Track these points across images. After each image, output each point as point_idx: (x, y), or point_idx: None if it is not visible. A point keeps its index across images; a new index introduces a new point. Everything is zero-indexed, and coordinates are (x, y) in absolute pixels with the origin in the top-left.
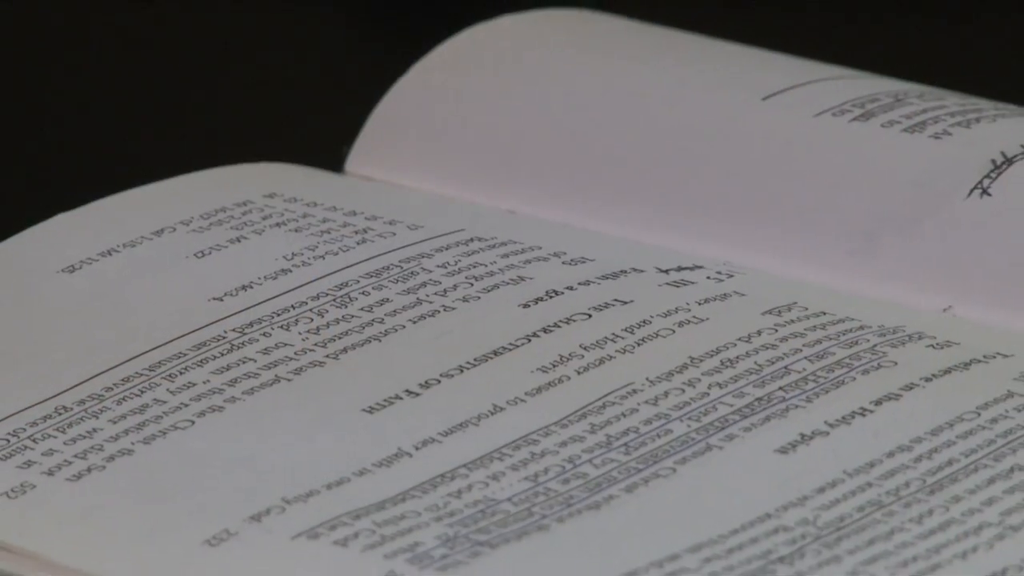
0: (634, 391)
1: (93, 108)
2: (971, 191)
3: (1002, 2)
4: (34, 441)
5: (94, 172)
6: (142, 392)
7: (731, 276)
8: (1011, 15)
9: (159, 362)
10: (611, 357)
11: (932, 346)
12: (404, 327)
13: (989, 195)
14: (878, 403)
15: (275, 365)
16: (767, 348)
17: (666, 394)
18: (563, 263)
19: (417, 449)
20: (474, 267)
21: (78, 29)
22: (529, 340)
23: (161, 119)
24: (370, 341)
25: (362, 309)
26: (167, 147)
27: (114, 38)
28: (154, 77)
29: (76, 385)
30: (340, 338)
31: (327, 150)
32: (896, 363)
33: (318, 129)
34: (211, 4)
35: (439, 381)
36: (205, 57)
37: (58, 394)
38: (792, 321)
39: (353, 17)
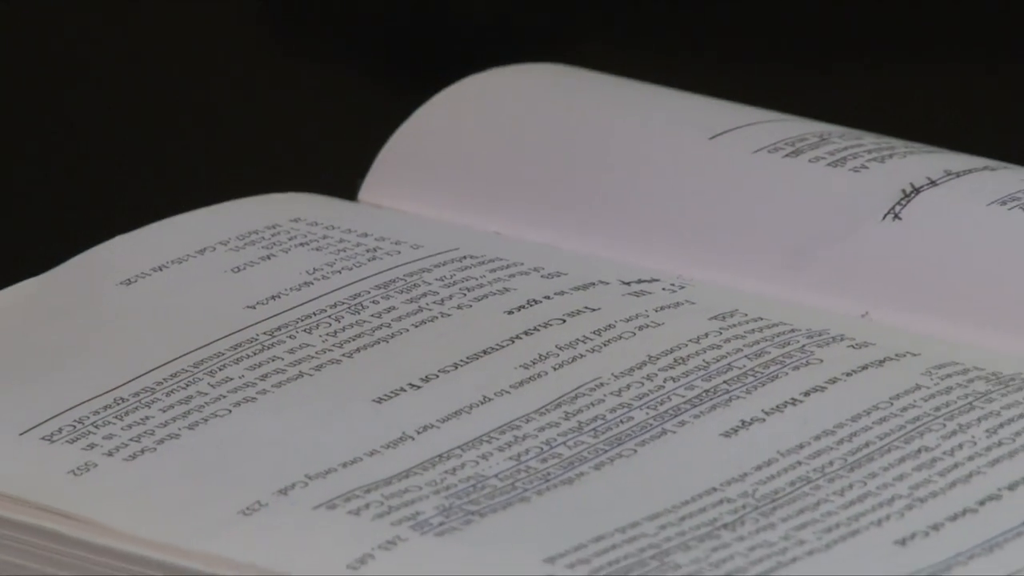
0: (601, 384)
1: (144, 148)
2: (885, 215)
3: (908, 59)
4: (96, 427)
5: (146, 200)
6: (187, 386)
7: (682, 288)
8: (916, 71)
9: (201, 360)
10: (582, 356)
11: (852, 346)
12: (408, 331)
13: (900, 219)
14: (807, 394)
15: (299, 363)
16: (713, 348)
17: (628, 387)
18: (541, 276)
19: (418, 433)
20: (466, 280)
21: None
22: (512, 341)
23: (202, 157)
24: (379, 342)
25: (372, 315)
26: (208, 180)
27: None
28: (200, 121)
29: (132, 380)
30: (354, 340)
31: (343, 182)
32: (822, 361)
33: (336, 165)
34: (249, 58)
35: (437, 376)
36: (241, 104)
37: (117, 387)
38: (734, 325)
39: (364, 72)
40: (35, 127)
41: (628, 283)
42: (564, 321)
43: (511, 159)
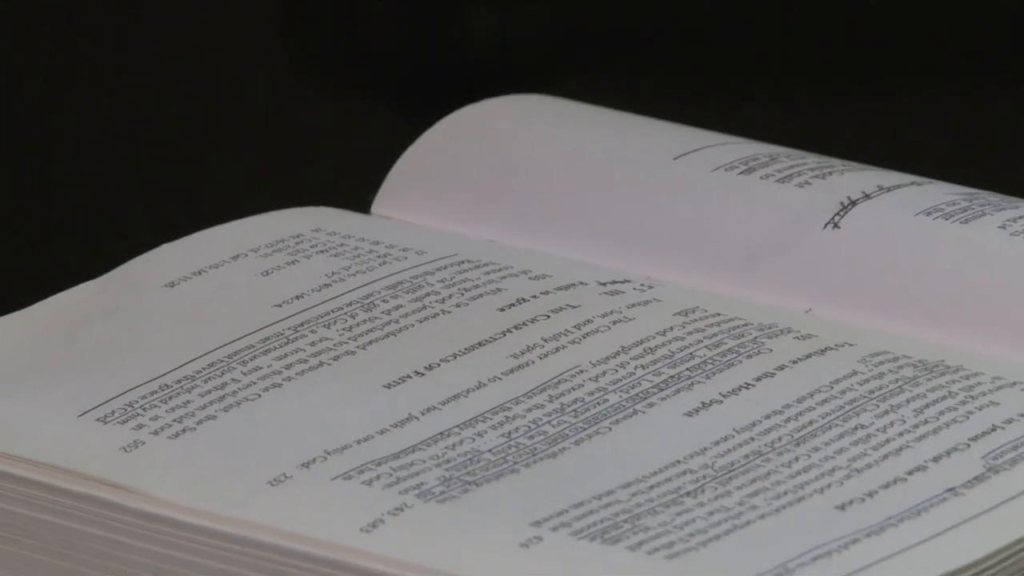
0: (580, 371)
1: (185, 168)
2: (825, 224)
3: (851, 90)
4: (144, 410)
5: (187, 214)
6: (223, 374)
7: (651, 288)
8: (857, 101)
9: (235, 352)
10: (564, 347)
11: (797, 338)
12: (413, 326)
13: (839, 228)
14: (758, 379)
15: (319, 354)
16: (677, 340)
17: (604, 373)
18: (528, 278)
19: (423, 414)
20: (464, 282)
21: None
22: (504, 335)
23: (235, 176)
24: (388, 336)
25: (382, 313)
26: (240, 196)
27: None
28: (234, 145)
29: (175, 369)
30: (366, 334)
31: (358, 198)
32: (771, 350)
33: (351, 182)
34: (278, 89)
35: (439, 364)
36: (270, 130)
37: (162, 375)
38: (695, 320)
39: (377, 103)
40: (93, 154)
41: (604, 284)
42: (548, 317)
43: (503, 177)
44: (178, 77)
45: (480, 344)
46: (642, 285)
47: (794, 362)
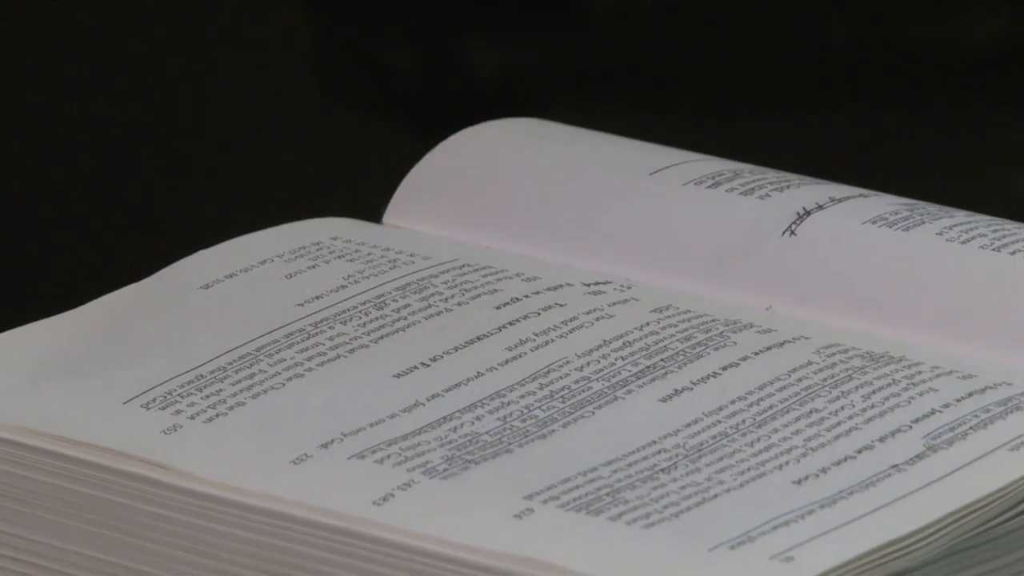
0: (567, 362)
1: (217, 184)
2: (783, 232)
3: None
4: (181, 397)
5: (220, 223)
6: (251, 365)
7: (629, 288)
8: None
9: (262, 346)
10: (552, 340)
11: (758, 332)
12: (420, 322)
13: (795, 234)
14: (724, 369)
15: (337, 347)
16: (653, 334)
17: (588, 364)
18: (522, 280)
19: (428, 400)
20: (464, 283)
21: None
22: (500, 330)
23: (263, 190)
24: (398, 331)
25: (392, 311)
26: (267, 208)
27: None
28: (262, 163)
29: (209, 361)
30: (378, 329)
31: (371, 209)
32: (736, 343)
33: (365, 195)
34: (302, 113)
35: (442, 356)
36: (294, 149)
37: (197, 367)
38: (669, 317)
39: (389, 125)
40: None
41: (588, 285)
42: (539, 314)
43: (499, 191)
44: (217, 103)
45: (479, 338)
46: (622, 286)
47: (756, 353)
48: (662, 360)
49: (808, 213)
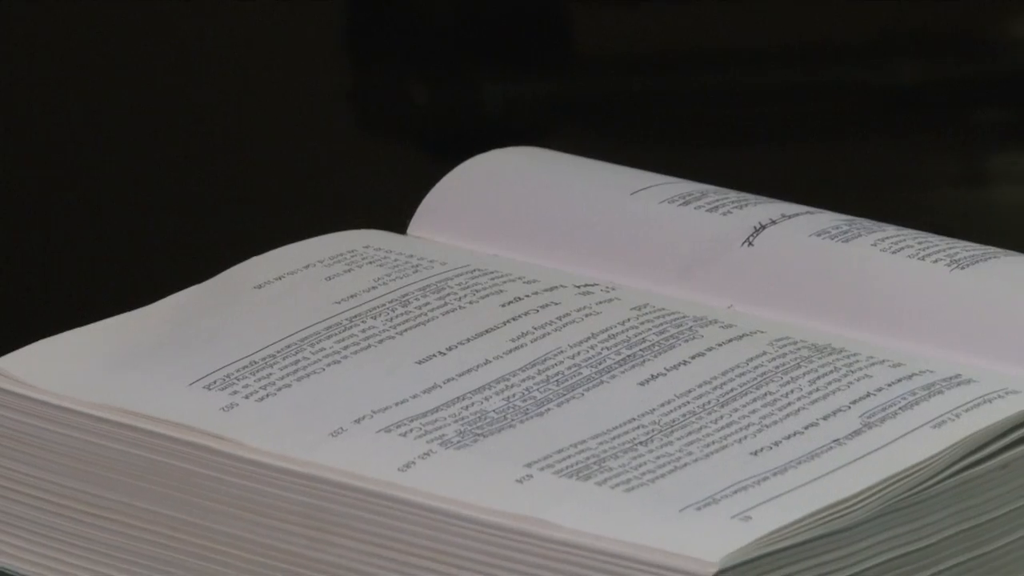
0: (561, 351)
1: (269, 200)
2: (743, 243)
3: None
4: (237, 380)
5: (272, 234)
6: (296, 353)
7: (613, 290)
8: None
9: (305, 336)
10: (549, 333)
11: (721, 327)
12: (438, 317)
13: (753, 245)
14: (693, 358)
15: (368, 338)
16: (633, 328)
17: (578, 353)
18: (523, 282)
19: (445, 383)
20: (475, 285)
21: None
22: (505, 324)
23: (307, 206)
24: (419, 325)
25: (415, 308)
26: (309, 221)
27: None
28: (304, 182)
29: (260, 349)
30: (403, 323)
31: (398, 222)
32: (703, 336)
33: (393, 211)
34: (339, 138)
35: (456, 346)
36: (333, 170)
37: (251, 354)
38: (646, 314)
39: (413, 151)
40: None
41: (578, 286)
42: (538, 311)
43: (504, 208)
44: (271, 134)
45: (487, 331)
46: (607, 288)
47: (719, 345)
48: (640, 350)
49: (763, 227)
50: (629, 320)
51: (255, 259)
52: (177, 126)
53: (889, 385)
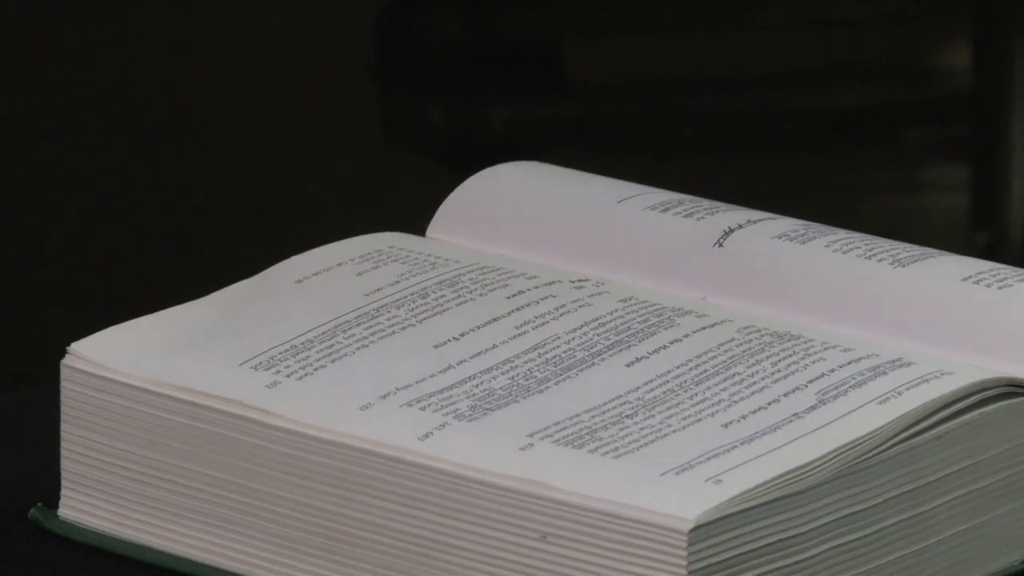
0: (558, 337)
1: (308, 209)
2: (714, 244)
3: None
4: (280, 361)
5: (310, 236)
6: (330, 338)
7: (603, 284)
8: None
9: (338, 324)
10: (547, 322)
11: (696, 316)
12: (452, 308)
13: (722, 246)
14: (671, 343)
15: (392, 326)
16: (620, 317)
17: (573, 338)
18: (525, 278)
19: (458, 364)
20: (484, 280)
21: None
22: (510, 314)
23: (341, 212)
24: (436, 314)
25: (432, 300)
26: (342, 226)
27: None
28: (336, 194)
29: (300, 335)
30: (422, 313)
31: (418, 226)
32: (680, 324)
33: (414, 216)
34: (367, 154)
35: (468, 333)
36: (361, 182)
37: (292, 339)
38: (631, 305)
39: (430, 165)
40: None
41: (573, 282)
42: (538, 303)
43: (510, 214)
44: (309, 150)
45: (495, 320)
46: (597, 283)
47: (694, 332)
48: (626, 336)
49: (732, 231)
50: (617, 310)
51: (295, 257)
52: (234, 152)
53: (840, 367)
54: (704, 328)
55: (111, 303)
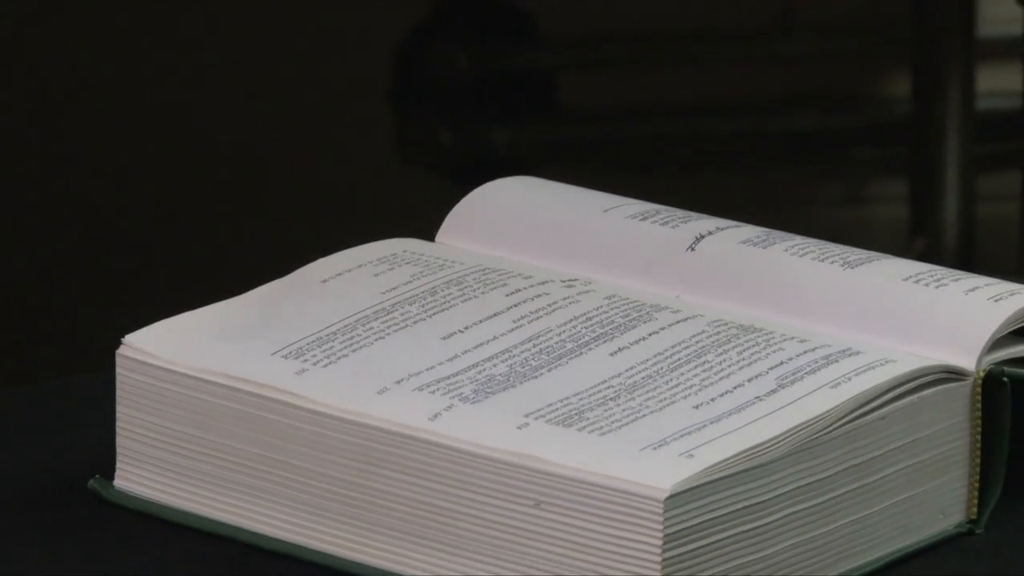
0: (550, 330)
1: (330, 218)
2: (687, 248)
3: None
4: (307, 351)
5: (332, 242)
6: (351, 330)
7: (590, 283)
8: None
9: (358, 319)
10: (541, 316)
11: (671, 311)
12: (458, 304)
13: (695, 250)
14: (650, 335)
15: (406, 320)
16: (604, 312)
17: (564, 331)
18: (522, 278)
19: (463, 353)
20: (485, 279)
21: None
22: (508, 309)
23: (360, 222)
24: (444, 309)
25: (441, 297)
26: (359, 233)
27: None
28: (355, 205)
29: (325, 328)
30: (431, 308)
31: (428, 232)
32: (657, 318)
33: (425, 224)
34: (382, 167)
35: (472, 326)
36: (378, 194)
37: (318, 331)
38: (615, 302)
39: (438, 178)
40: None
41: (564, 281)
42: (533, 300)
43: (508, 221)
44: (332, 167)
45: (495, 315)
46: (585, 282)
47: (669, 325)
48: (610, 329)
49: (703, 237)
50: (602, 306)
51: (320, 260)
52: (272, 169)
53: (797, 356)
54: (678, 322)
55: (161, 300)
